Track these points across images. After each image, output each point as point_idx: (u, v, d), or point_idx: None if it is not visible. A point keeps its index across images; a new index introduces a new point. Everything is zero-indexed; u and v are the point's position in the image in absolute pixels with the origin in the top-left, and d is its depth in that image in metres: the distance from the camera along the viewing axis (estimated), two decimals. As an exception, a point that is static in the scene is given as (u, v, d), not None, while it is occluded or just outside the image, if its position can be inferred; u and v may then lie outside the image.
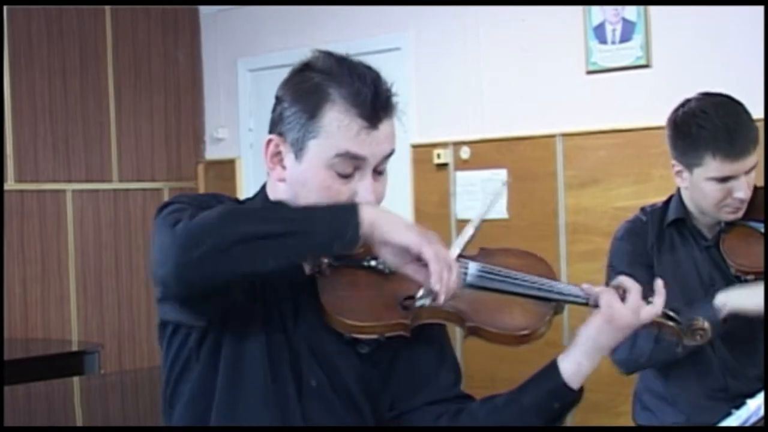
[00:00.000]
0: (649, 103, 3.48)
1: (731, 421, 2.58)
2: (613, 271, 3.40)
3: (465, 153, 6.89)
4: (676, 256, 3.40)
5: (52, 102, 7.73)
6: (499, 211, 6.72)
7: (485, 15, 6.82)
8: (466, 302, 2.24)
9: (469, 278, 2.30)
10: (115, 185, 8.01)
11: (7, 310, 7.30)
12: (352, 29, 7.41)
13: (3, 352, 5.17)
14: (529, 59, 6.65)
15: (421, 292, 2.16)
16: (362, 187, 2.22)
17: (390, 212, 2.12)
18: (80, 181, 7.84)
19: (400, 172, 7.15)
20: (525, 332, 2.30)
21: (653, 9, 6.13)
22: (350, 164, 2.20)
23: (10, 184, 7.45)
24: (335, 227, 2.04)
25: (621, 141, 6.17)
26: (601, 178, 6.34)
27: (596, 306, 2.32)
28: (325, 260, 2.24)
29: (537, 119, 6.61)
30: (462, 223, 6.82)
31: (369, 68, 2.29)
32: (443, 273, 2.09)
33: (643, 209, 3.51)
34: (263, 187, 2.35)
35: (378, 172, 2.27)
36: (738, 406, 2.62)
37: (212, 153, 8.31)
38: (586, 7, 6.35)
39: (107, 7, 7.97)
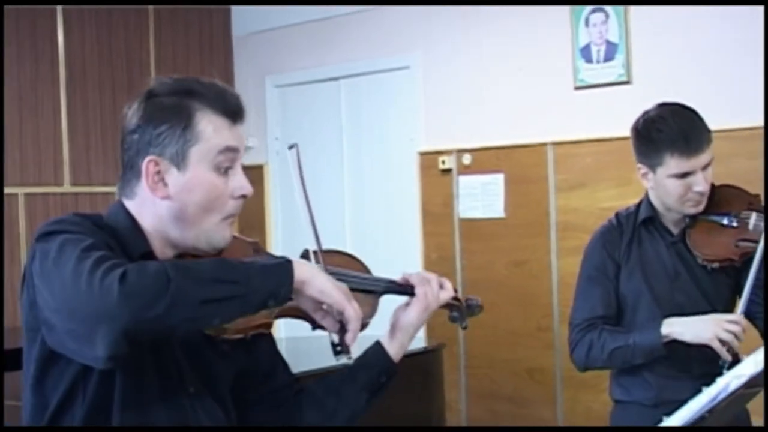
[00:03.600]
0: (630, 116, 3.46)
1: (702, 397, 2.56)
2: (582, 279, 3.49)
3: (467, 159, 6.89)
4: (643, 251, 3.41)
5: (103, 115, 7.76)
6: (497, 210, 6.73)
7: (484, 37, 6.83)
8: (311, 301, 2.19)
9: None
10: (158, 188, 8.01)
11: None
12: (366, 50, 7.42)
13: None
14: (523, 76, 6.65)
15: (337, 349, 2.15)
16: (239, 180, 2.20)
17: (317, 269, 2.13)
18: (118, 186, 7.83)
19: (409, 176, 7.16)
20: (364, 321, 2.28)
21: (633, 32, 6.13)
22: (229, 158, 2.17)
23: (65, 188, 7.49)
24: (271, 287, 2.00)
25: (605, 149, 6.18)
26: (587, 182, 6.34)
27: (413, 295, 2.41)
28: None
29: (531, 129, 6.60)
30: (464, 222, 6.85)
31: (209, 80, 2.25)
32: (357, 330, 2.13)
33: (617, 214, 3.52)
34: (124, 208, 2.24)
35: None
36: (708, 383, 2.61)
37: (243, 160, 8.29)
38: (574, 30, 6.36)
39: (151, 31, 8.01)
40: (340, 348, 2.15)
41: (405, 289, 2.43)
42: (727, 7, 5.71)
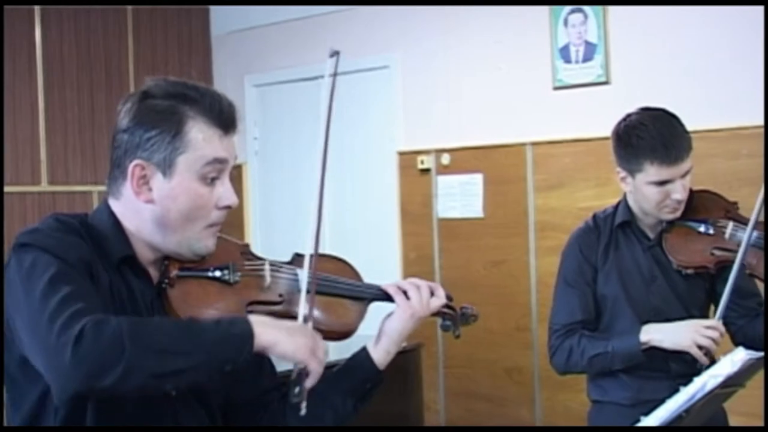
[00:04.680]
0: (609, 116, 3.47)
1: (680, 397, 2.58)
2: (560, 285, 3.49)
3: (445, 159, 6.89)
4: (620, 255, 3.42)
5: (81, 114, 7.73)
6: (476, 210, 6.74)
7: (464, 37, 6.83)
8: (302, 305, 2.21)
9: (301, 284, 2.27)
10: (137, 187, 7.99)
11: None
12: (346, 50, 7.36)
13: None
14: (502, 76, 6.65)
15: (296, 392, 2.13)
16: (226, 191, 2.19)
17: (278, 328, 2.08)
18: (105, 184, 7.81)
19: (388, 176, 7.16)
20: (350, 328, 2.36)
21: (612, 33, 6.14)
22: (216, 169, 2.16)
23: (43, 186, 7.45)
24: (230, 354, 1.99)
25: (584, 149, 6.19)
26: (566, 182, 6.35)
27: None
28: (174, 272, 2.19)
29: (509, 129, 6.61)
30: (443, 222, 6.86)
31: (207, 86, 2.24)
32: (317, 379, 2.13)
33: (594, 216, 3.53)
34: (108, 209, 2.24)
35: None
36: (685, 383, 2.63)
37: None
38: (553, 31, 6.36)
39: (130, 31, 7.99)
40: (298, 393, 2.12)
41: (393, 296, 2.41)
42: (705, 7, 5.73)
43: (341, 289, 2.36)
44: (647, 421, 2.58)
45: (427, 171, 6.99)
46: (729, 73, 5.69)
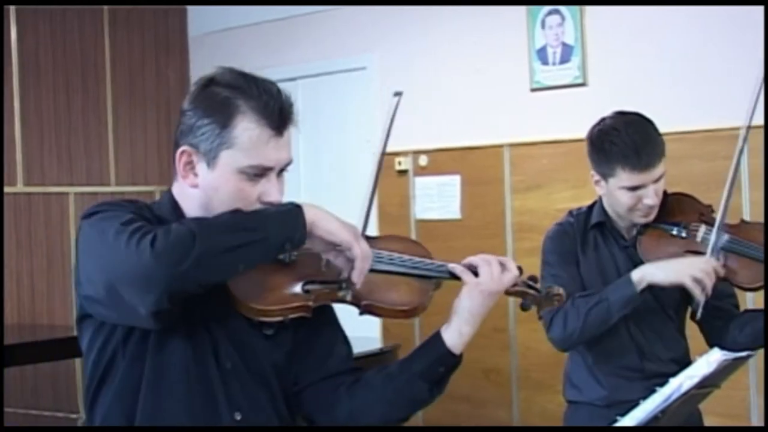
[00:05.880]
0: (586, 118, 3.47)
1: (656, 397, 2.59)
2: (547, 266, 3.44)
3: (423, 160, 6.90)
4: (598, 254, 3.42)
5: (57, 116, 7.72)
6: (453, 212, 6.75)
7: (442, 38, 6.84)
8: (361, 283, 2.23)
9: None
10: (113, 188, 7.98)
11: (16, 299, 7.32)
12: (324, 51, 7.42)
13: (3, 349, 5.10)
14: (480, 78, 6.67)
15: (343, 285, 2.21)
16: (270, 188, 2.20)
17: (325, 211, 2.20)
18: (81, 185, 7.81)
19: (365, 177, 7.15)
20: (411, 306, 2.35)
21: (589, 34, 6.17)
22: (259, 170, 2.18)
23: (19, 188, 7.44)
24: (286, 231, 2.10)
25: (561, 151, 6.21)
26: (543, 183, 6.37)
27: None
28: None
29: (487, 131, 6.62)
30: (420, 223, 6.86)
31: (271, 83, 2.25)
32: (364, 268, 2.18)
33: (570, 213, 3.54)
34: (170, 193, 2.32)
35: (279, 172, 2.25)
36: (661, 384, 2.64)
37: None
38: (530, 33, 6.39)
39: (106, 32, 7.97)
40: (345, 284, 2.21)
41: (459, 275, 2.40)
42: (681, 9, 5.76)
43: (404, 267, 2.37)
44: (624, 422, 2.60)
45: (404, 172, 7.00)
46: (706, 75, 5.72)
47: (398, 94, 2.35)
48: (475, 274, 2.38)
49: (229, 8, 7.95)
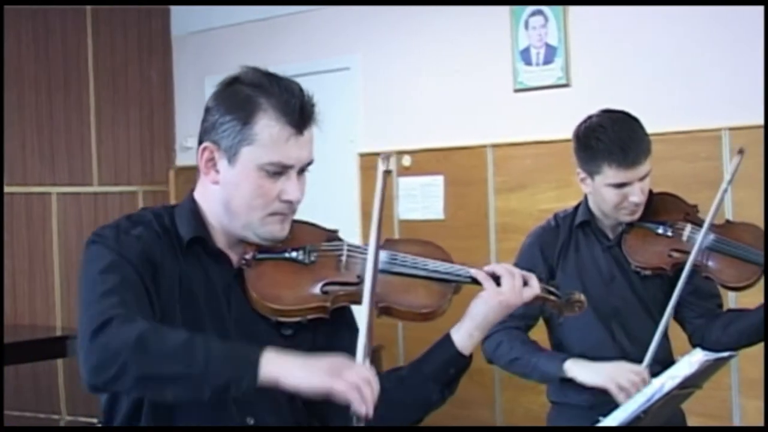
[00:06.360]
0: (569, 118, 3.48)
1: (638, 398, 2.59)
2: (517, 260, 3.45)
3: (407, 161, 6.90)
4: (579, 254, 3.43)
5: (39, 115, 7.70)
6: (437, 212, 6.75)
7: (425, 39, 6.85)
8: (379, 285, 2.23)
9: (380, 265, 2.29)
10: (95, 188, 7.96)
11: (-2, 299, 7.30)
12: (307, 51, 7.41)
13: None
14: (463, 79, 6.67)
15: (354, 417, 2.00)
16: (289, 186, 2.21)
17: (294, 359, 1.99)
18: (64, 185, 7.80)
19: (349, 178, 7.16)
20: (430, 309, 2.35)
21: (572, 35, 6.17)
22: (279, 168, 2.20)
23: (0, 187, 7.42)
24: (232, 374, 1.94)
25: (544, 151, 6.21)
26: (527, 184, 6.38)
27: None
28: (251, 253, 2.26)
29: (470, 131, 6.63)
30: (404, 223, 6.86)
31: (294, 82, 2.26)
32: (364, 396, 1.97)
33: (555, 215, 3.54)
34: (191, 194, 2.33)
35: (300, 171, 2.26)
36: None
37: (182, 160, 8.27)
38: (514, 33, 6.39)
39: (89, 32, 7.95)
40: (355, 418, 1.99)
41: (482, 282, 2.40)
42: (665, 9, 5.77)
43: (422, 270, 2.38)
44: (606, 422, 2.60)
45: (388, 173, 6.99)
46: (688, 77, 5.73)
47: (387, 156, 2.31)
48: (497, 282, 2.39)
49: (212, 8, 7.93)
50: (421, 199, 6.84)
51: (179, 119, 8.41)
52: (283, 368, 1.97)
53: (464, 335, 2.38)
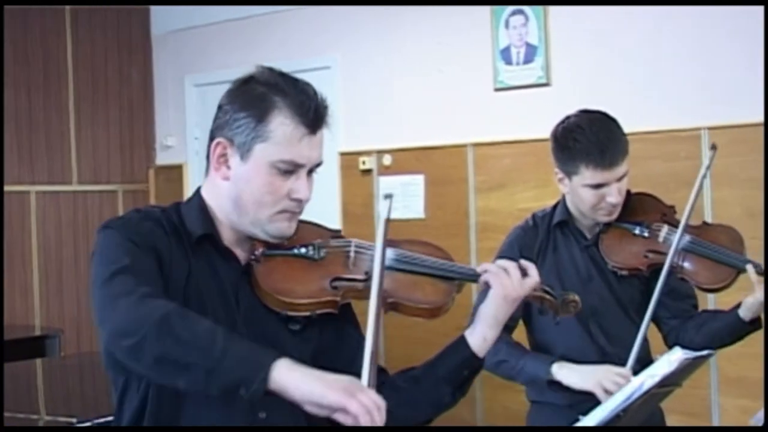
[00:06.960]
0: (549, 118, 3.48)
1: (618, 396, 2.60)
2: (496, 259, 3.44)
3: (387, 160, 6.91)
4: (557, 254, 3.43)
5: (18, 114, 7.67)
6: (417, 211, 6.75)
7: (405, 38, 6.85)
8: (387, 282, 2.24)
9: (388, 262, 2.30)
10: (75, 187, 7.94)
11: (-24, 299, 7.27)
12: (287, 50, 7.40)
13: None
14: (443, 78, 6.68)
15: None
16: (299, 185, 2.24)
17: (307, 373, 1.94)
18: (43, 184, 7.77)
19: (330, 177, 7.16)
20: (435, 306, 2.39)
21: (552, 35, 6.19)
22: (291, 166, 2.22)
23: (-21, 187, 7.39)
24: (243, 375, 1.90)
25: (524, 151, 6.23)
26: (506, 183, 6.39)
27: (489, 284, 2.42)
28: (260, 249, 2.28)
29: (450, 130, 6.64)
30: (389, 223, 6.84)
31: (308, 83, 2.30)
32: (374, 422, 1.90)
33: (533, 215, 3.54)
34: (198, 191, 2.35)
35: (309, 172, 2.29)
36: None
37: (162, 159, 8.26)
38: (494, 32, 6.40)
39: (68, 31, 7.93)
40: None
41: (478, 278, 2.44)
42: (644, 9, 5.79)
43: (428, 267, 2.42)
44: (586, 421, 2.60)
45: (368, 172, 7.00)
46: (667, 77, 5.75)
47: (389, 196, 2.29)
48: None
49: (192, 7, 7.92)
50: (402, 199, 6.83)
51: (159, 118, 8.39)
52: (295, 378, 1.92)
53: (479, 337, 2.40)
